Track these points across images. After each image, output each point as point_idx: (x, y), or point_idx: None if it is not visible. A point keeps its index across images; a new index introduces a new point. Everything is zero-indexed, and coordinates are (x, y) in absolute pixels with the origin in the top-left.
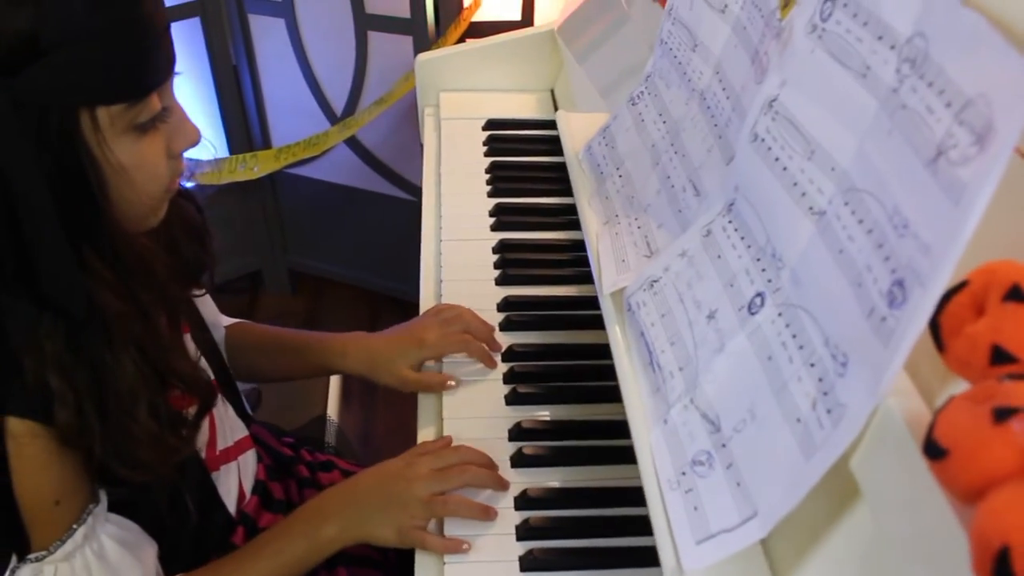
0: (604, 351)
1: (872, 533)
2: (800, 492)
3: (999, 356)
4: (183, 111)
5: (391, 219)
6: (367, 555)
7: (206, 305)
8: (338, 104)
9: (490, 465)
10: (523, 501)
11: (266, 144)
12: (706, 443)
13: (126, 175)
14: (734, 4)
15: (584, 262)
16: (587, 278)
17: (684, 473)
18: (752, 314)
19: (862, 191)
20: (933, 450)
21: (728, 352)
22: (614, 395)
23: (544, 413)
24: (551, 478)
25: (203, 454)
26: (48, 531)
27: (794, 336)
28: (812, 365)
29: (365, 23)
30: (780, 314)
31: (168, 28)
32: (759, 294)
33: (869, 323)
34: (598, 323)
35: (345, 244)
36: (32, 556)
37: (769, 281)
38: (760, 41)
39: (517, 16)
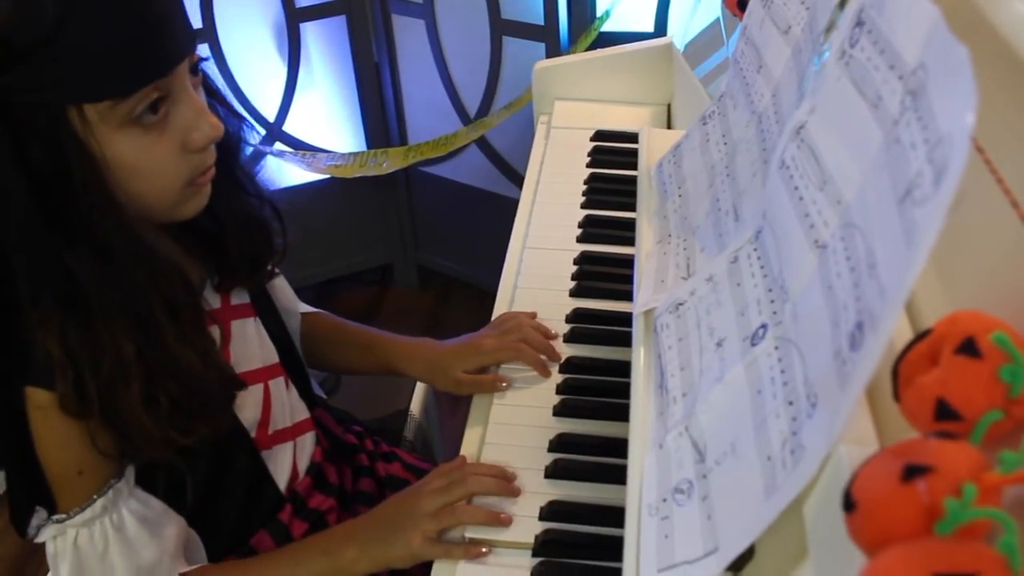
0: None
1: None
2: (756, 531)
3: (943, 411)
4: (200, 103)
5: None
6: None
7: (283, 291)
8: (471, 106)
9: (502, 475)
10: (549, 512)
11: (402, 140)
12: (691, 472)
13: (129, 170)
14: (796, 26)
15: None
16: None
17: (665, 500)
18: (753, 345)
19: (855, 227)
20: (846, 502)
21: (726, 382)
22: None
23: (590, 427)
24: (583, 492)
25: (253, 433)
26: (71, 498)
27: (783, 371)
28: (791, 403)
29: (501, 28)
30: (776, 347)
31: (165, 22)
32: (763, 325)
33: (835, 364)
34: None
35: (473, 244)
36: (56, 518)
37: (774, 313)
38: (808, 65)
39: (650, 28)
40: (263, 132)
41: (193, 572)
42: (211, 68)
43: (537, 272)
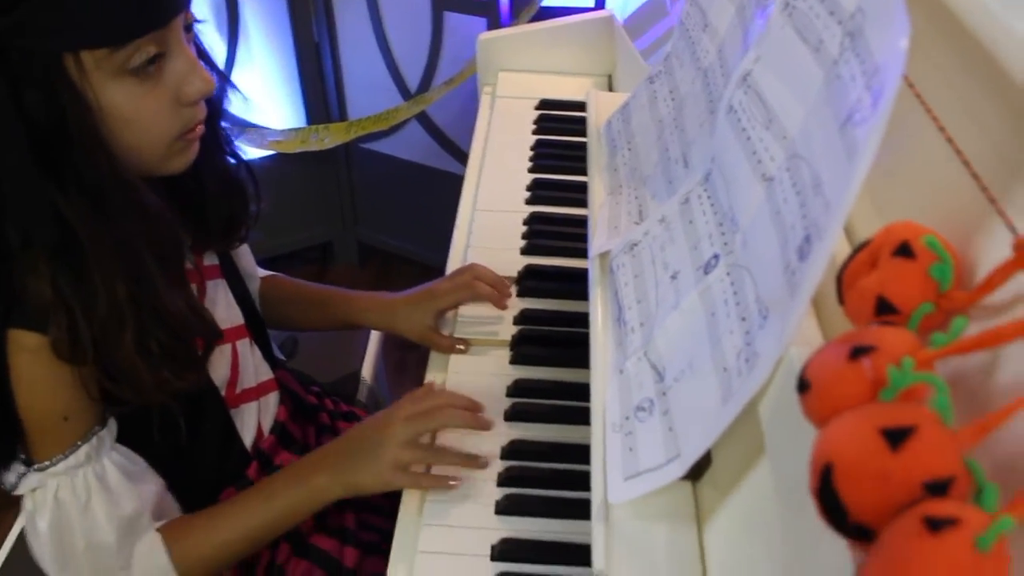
0: None
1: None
2: (715, 435)
3: (883, 307)
4: (194, 58)
5: (458, 198)
6: (378, 503)
7: (244, 256)
8: (412, 81)
9: (472, 406)
10: (510, 451)
11: (342, 117)
12: (651, 391)
13: (123, 119)
14: None
15: None
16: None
17: (628, 418)
18: (706, 274)
19: (800, 158)
20: (801, 384)
21: (681, 309)
22: None
23: (545, 373)
24: (539, 434)
25: (223, 392)
26: (54, 445)
27: (735, 294)
28: (743, 319)
29: (442, 3)
30: (728, 274)
31: None
32: (715, 256)
33: (785, 277)
34: None
35: (413, 220)
36: (37, 466)
37: (725, 244)
38: (751, 20)
39: (590, 2)
40: None
41: (170, 523)
42: None
43: (488, 233)
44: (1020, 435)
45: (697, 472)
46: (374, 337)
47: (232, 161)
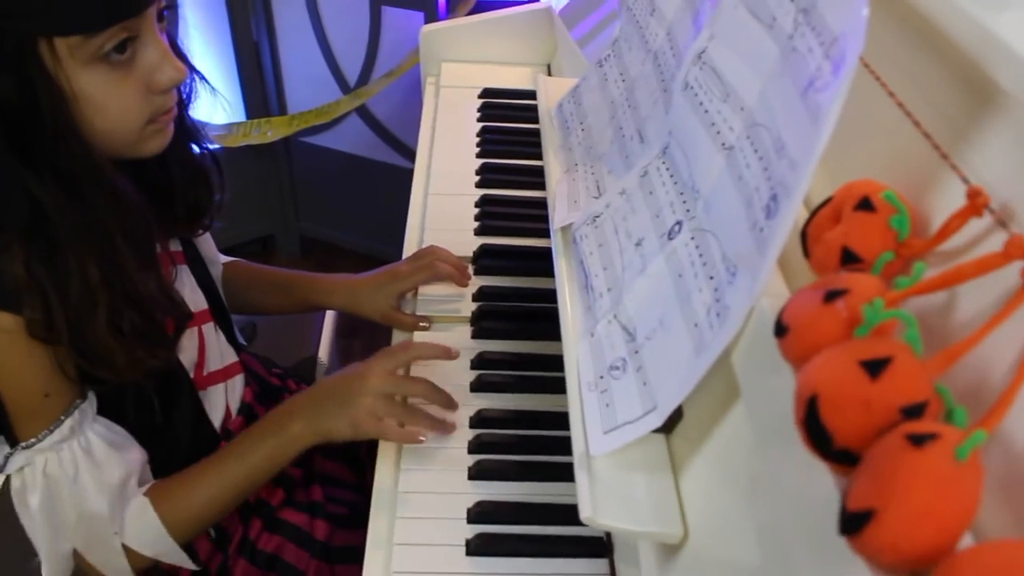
0: None
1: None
2: (689, 385)
3: (848, 257)
4: (166, 47)
5: (398, 189)
6: (343, 478)
7: (206, 242)
8: (351, 76)
9: (445, 352)
10: (478, 420)
11: (282, 112)
12: (623, 351)
13: (95, 106)
14: None
15: None
16: None
17: (602, 377)
18: (670, 239)
19: (760, 125)
20: (779, 328)
21: (648, 273)
22: None
23: (506, 346)
24: (504, 403)
25: (191, 374)
26: (37, 422)
27: (701, 255)
28: (711, 278)
29: None
30: (692, 238)
31: None
32: (678, 222)
33: (752, 235)
34: None
35: (354, 212)
36: (24, 444)
37: (688, 211)
38: (701, 2)
39: None
40: None
41: (155, 485)
42: None
43: (442, 216)
44: (980, 363)
45: (669, 426)
46: (328, 321)
47: (198, 150)
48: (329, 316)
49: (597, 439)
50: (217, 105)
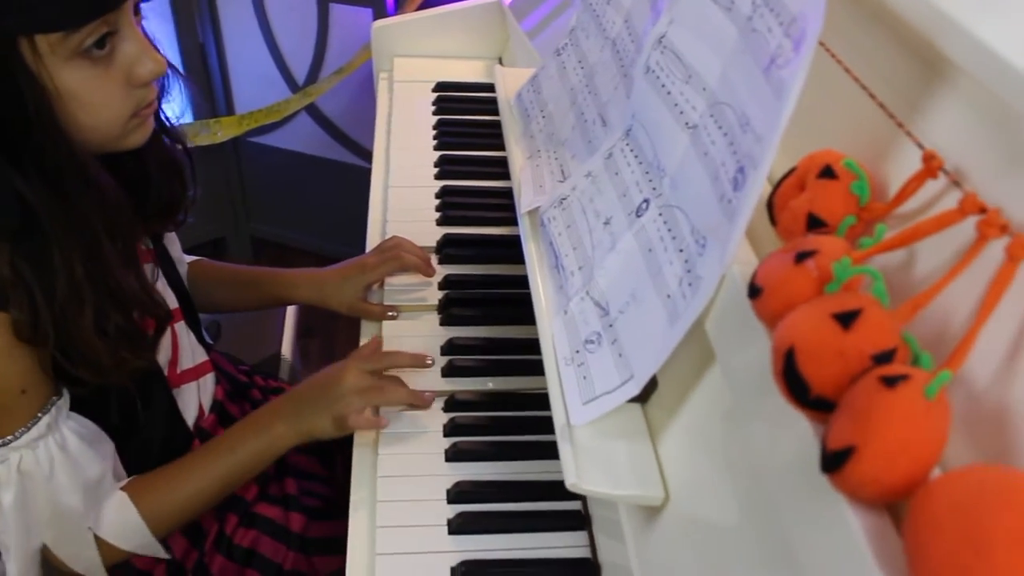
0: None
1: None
2: (665, 353)
3: (813, 222)
4: (146, 40)
5: (350, 187)
6: (315, 471)
7: (173, 242)
8: (300, 74)
9: (419, 361)
10: (451, 404)
11: (229, 113)
12: (597, 326)
13: (77, 101)
14: None
15: (515, 207)
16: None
17: (578, 351)
18: (638, 217)
19: (723, 103)
20: (752, 290)
21: (618, 250)
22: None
23: (474, 332)
24: (476, 387)
25: (165, 372)
26: (14, 419)
27: (669, 230)
28: (681, 251)
29: None
30: (660, 214)
31: None
32: (645, 200)
33: (721, 207)
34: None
35: (306, 211)
36: (0, 441)
37: (654, 189)
38: None
39: None
40: None
41: (134, 481)
42: None
43: (403, 207)
44: (942, 313)
45: (645, 396)
46: (290, 319)
47: (170, 144)
48: (290, 314)
49: (577, 410)
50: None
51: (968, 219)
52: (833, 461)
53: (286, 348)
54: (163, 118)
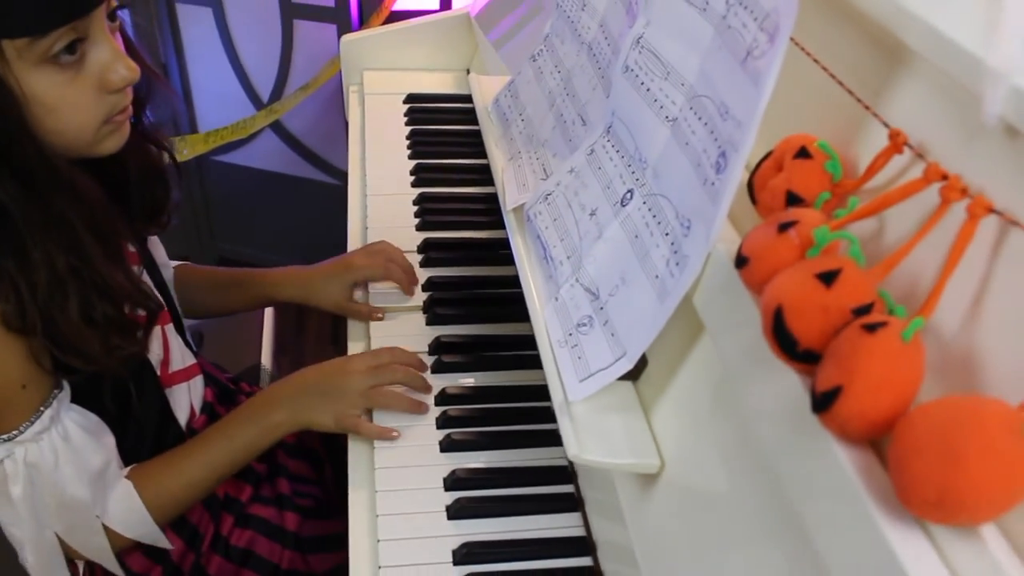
0: (510, 281)
1: (712, 356)
2: (656, 329)
3: (791, 199)
4: (117, 46)
5: (317, 204)
6: (306, 474)
7: (157, 246)
8: (264, 91)
9: (420, 365)
10: (442, 398)
11: (193, 131)
12: (588, 309)
13: (46, 107)
14: None
15: (492, 211)
16: (495, 224)
17: (571, 334)
18: (623, 206)
19: (702, 96)
20: (739, 260)
21: (605, 238)
22: (519, 315)
23: (460, 330)
24: (466, 381)
25: (158, 371)
26: (17, 414)
27: (655, 216)
28: (667, 234)
29: (291, 12)
30: (645, 202)
31: None
32: (630, 190)
33: (704, 190)
34: (505, 260)
35: (272, 229)
36: (5, 436)
37: (637, 179)
38: None
39: (435, 5)
40: None
41: (137, 468)
42: None
43: (383, 214)
44: (912, 271)
45: (635, 373)
46: (267, 329)
47: (155, 149)
48: (267, 325)
49: (574, 387)
50: None
51: (932, 186)
52: (823, 402)
53: (265, 358)
54: (147, 122)
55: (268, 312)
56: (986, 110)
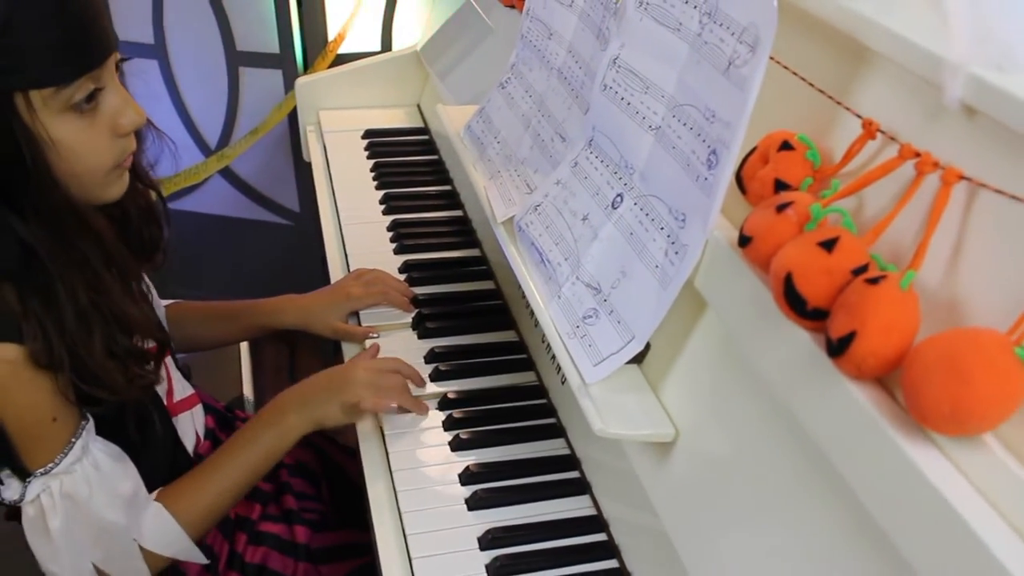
0: (490, 294)
1: (711, 333)
2: (662, 312)
3: (780, 185)
4: (126, 93)
5: (269, 245)
6: (308, 492)
7: (148, 285)
8: (212, 138)
9: (419, 381)
10: (445, 403)
11: None
12: (592, 303)
13: (69, 152)
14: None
15: (462, 232)
16: (467, 244)
17: (578, 326)
18: (615, 208)
19: (684, 105)
20: (743, 240)
21: (601, 238)
22: (503, 324)
23: (450, 341)
24: (463, 387)
25: (165, 401)
26: (50, 448)
27: (647, 215)
28: (662, 229)
29: (236, 60)
30: (635, 203)
31: (96, 21)
32: (619, 194)
33: (697, 186)
34: (481, 275)
35: (225, 272)
36: (41, 471)
37: (625, 184)
38: (602, 21)
39: (377, 47)
40: None
41: (163, 490)
42: None
43: (360, 241)
44: (896, 236)
45: (640, 358)
46: (245, 364)
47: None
48: (245, 359)
49: (589, 370)
50: None
51: (907, 163)
52: (839, 347)
53: (247, 388)
54: (140, 165)
55: (243, 345)
56: (948, 95)
